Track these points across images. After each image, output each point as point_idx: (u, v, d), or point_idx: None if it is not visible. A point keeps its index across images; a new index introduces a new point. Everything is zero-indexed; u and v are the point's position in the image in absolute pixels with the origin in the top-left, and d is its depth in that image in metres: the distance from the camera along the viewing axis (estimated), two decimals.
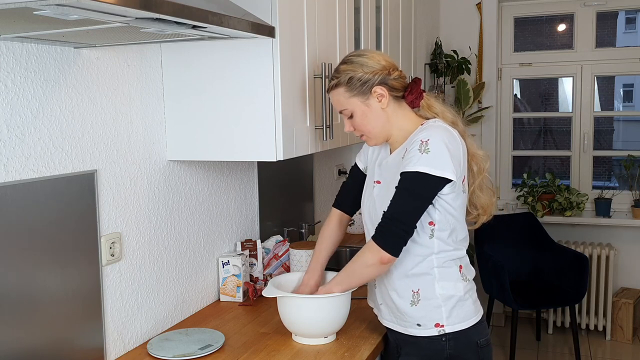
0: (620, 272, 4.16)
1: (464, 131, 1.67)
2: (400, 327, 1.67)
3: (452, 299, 1.61)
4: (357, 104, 1.64)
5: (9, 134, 1.35)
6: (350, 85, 1.63)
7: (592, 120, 4.23)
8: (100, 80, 1.61)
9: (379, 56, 1.66)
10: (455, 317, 1.62)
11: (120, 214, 1.70)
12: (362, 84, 1.62)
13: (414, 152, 1.54)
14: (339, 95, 1.66)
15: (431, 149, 1.52)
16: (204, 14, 1.19)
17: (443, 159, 1.52)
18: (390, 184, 1.61)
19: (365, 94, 1.62)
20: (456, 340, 1.62)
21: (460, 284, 1.63)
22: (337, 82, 1.65)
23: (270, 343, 1.75)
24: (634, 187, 4.10)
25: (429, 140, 1.53)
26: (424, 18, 3.73)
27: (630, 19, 4.58)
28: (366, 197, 1.75)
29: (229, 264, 2.14)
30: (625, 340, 4.01)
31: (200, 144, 1.84)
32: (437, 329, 1.61)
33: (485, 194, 1.70)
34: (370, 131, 1.67)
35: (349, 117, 1.68)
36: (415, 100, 1.65)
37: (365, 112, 1.64)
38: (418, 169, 1.51)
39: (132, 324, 1.76)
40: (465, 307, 1.63)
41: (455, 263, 1.64)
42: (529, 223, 4.03)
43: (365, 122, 1.65)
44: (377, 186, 1.69)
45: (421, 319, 1.62)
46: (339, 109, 1.69)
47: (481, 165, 1.68)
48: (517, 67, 4.36)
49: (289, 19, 1.77)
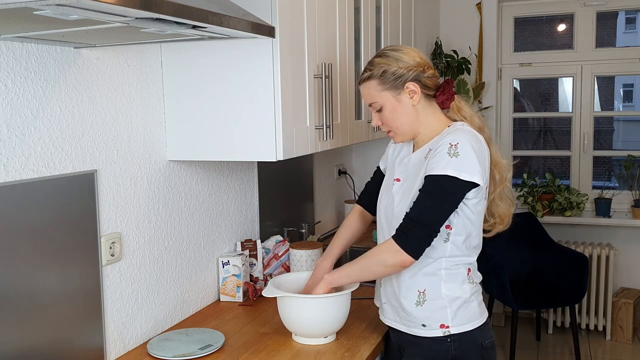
0: (620, 272, 4.15)
1: (489, 138, 1.66)
2: (405, 327, 1.67)
3: (457, 300, 1.61)
4: (388, 98, 1.62)
5: (9, 134, 1.35)
6: (384, 79, 1.61)
7: (592, 120, 4.23)
8: (100, 80, 1.61)
9: (414, 52, 1.64)
10: (461, 318, 1.61)
11: (120, 214, 1.70)
12: (396, 79, 1.60)
13: (442, 155, 1.52)
14: (370, 88, 1.64)
15: (460, 153, 1.51)
16: (204, 14, 1.19)
17: (472, 163, 1.51)
18: (410, 182, 1.61)
19: (398, 88, 1.61)
20: (461, 342, 1.61)
21: (466, 286, 1.63)
22: (370, 74, 1.63)
23: (270, 343, 1.75)
24: (634, 187, 4.10)
25: (459, 144, 1.52)
26: (424, 18, 3.73)
27: (630, 19, 4.57)
28: (384, 194, 1.74)
29: (229, 264, 2.14)
30: (625, 340, 4.01)
31: (200, 144, 1.84)
32: (442, 329, 1.61)
33: (505, 204, 1.70)
34: (399, 127, 1.65)
35: (377, 110, 1.65)
36: (446, 101, 1.64)
37: (395, 107, 1.63)
38: (447, 172, 1.50)
39: (132, 324, 1.76)
40: (470, 309, 1.63)
41: (465, 267, 1.64)
42: (529, 223, 4.03)
43: (394, 117, 1.64)
44: (396, 184, 1.68)
45: (426, 319, 1.62)
46: (368, 101, 1.67)
47: (503, 175, 1.67)
48: (517, 67, 4.36)
49: (289, 19, 1.77)
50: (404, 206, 1.59)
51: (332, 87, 2.01)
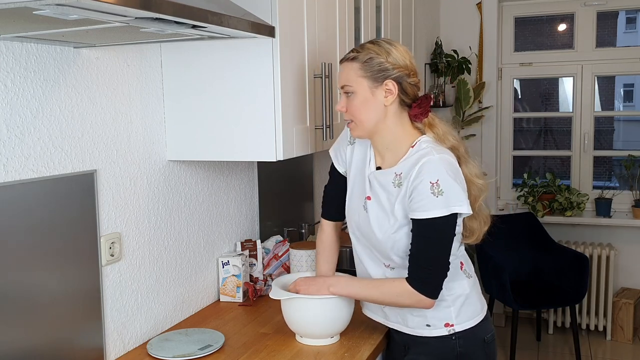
0: (620, 272, 4.15)
1: (465, 155, 1.62)
2: (408, 328, 1.67)
3: (460, 298, 1.63)
4: (364, 86, 1.56)
5: (9, 134, 1.34)
6: (367, 66, 1.54)
7: (592, 120, 4.23)
8: (100, 80, 1.61)
9: (406, 54, 1.59)
10: (464, 316, 1.63)
11: (120, 214, 1.70)
12: (379, 71, 1.54)
13: (425, 196, 1.49)
14: (350, 70, 1.57)
15: (444, 189, 1.48)
16: (204, 13, 1.19)
17: (457, 194, 1.50)
18: (383, 202, 1.59)
19: (377, 82, 1.55)
20: (465, 339, 1.63)
21: (464, 282, 1.64)
22: (356, 56, 1.56)
23: (270, 343, 1.75)
24: (635, 187, 4.10)
25: (439, 181, 1.48)
26: (424, 18, 3.73)
27: (630, 19, 4.57)
28: (353, 208, 1.68)
29: (228, 264, 2.14)
30: (626, 340, 4.00)
31: (200, 144, 1.83)
32: (447, 328, 1.62)
33: (477, 221, 1.66)
34: (362, 121, 1.58)
35: (347, 94, 1.59)
36: (419, 115, 1.59)
37: (367, 99, 1.56)
38: (437, 215, 1.49)
39: (132, 324, 1.76)
40: (472, 305, 1.65)
41: (456, 262, 1.64)
42: (530, 223, 4.03)
43: (362, 109, 1.57)
44: (369, 202, 1.63)
45: (430, 319, 1.63)
46: (343, 83, 1.59)
47: (476, 195, 1.63)
48: (517, 66, 4.36)
49: (289, 19, 1.77)
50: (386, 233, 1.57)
51: (332, 87, 2.00)
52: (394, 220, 1.57)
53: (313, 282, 1.70)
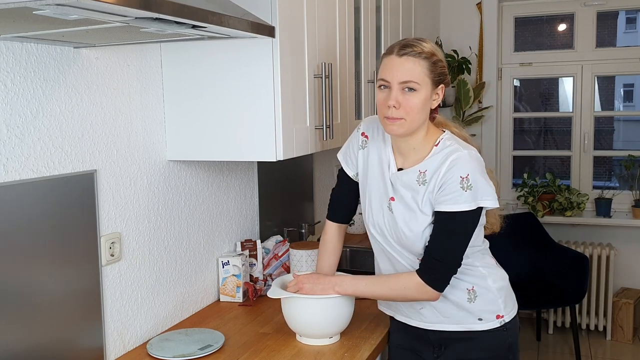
0: (620, 272, 4.15)
1: (479, 149, 1.65)
2: (455, 325, 1.64)
3: (504, 289, 1.68)
4: (428, 87, 1.51)
5: (9, 134, 1.34)
6: (435, 67, 1.51)
7: (592, 120, 4.23)
8: (100, 80, 1.61)
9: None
10: (509, 305, 1.68)
11: (120, 214, 1.70)
12: (440, 74, 1.53)
13: (454, 189, 1.50)
14: (418, 66, 1.49)
15: (473, 184, 1.50)
16: (203, 13, 1.19)
17: (485, 189, 1.52)
18: (408, 201, 1.59)
19: (435, 85, 1.53)
20: (511, 329, 1.67)
21: (502, 272, 1.71)
22: (425, 54, 1.50)
23: (270, 343, 1.75)
24: (635, 187, 4.10)
25: (469, 176, 1.50)
26: (424, 18, 3.73)
27: (630, 19, 4.57)
28: (375, 210, 1.66)
29: (228, 264, 2.14)
30: (626, 340, 4.00)
31: (200, 144, 1.83)
32: (499, 320, 1.64)
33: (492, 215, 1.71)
34: (414, 120, 1.52)
35: (408, 90, 1.50)
36: (434, 114, 1.63)
37: (427, 100, 1.52)
38: (463, 209, 1.50)
39: (132, 324, 1.76)
40: (511, 294, 1.71)
41: (483, 251, 1.68)
42: (530, 223, 4.03)
43: (420, 108, 1.51)
44: (393, 203, 1.62)
45: (482, 312, 1.63)
46: (406, 78, 1.49)
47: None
48: (517, 66, 4.36)
49: (289, 19, 1.77)
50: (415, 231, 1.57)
51: (332, 87, 2.01)
52: (423, 218, 1.57)
53: (319, 282, 1.68)
